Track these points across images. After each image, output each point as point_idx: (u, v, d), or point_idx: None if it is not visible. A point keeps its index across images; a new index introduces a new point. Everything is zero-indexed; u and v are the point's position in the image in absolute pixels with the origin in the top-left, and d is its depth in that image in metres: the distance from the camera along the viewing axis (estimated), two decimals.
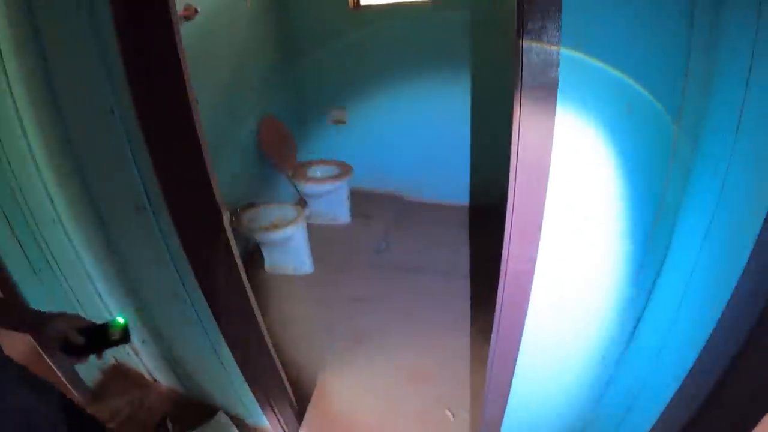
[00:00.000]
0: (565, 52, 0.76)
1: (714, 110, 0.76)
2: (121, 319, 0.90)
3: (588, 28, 0.75)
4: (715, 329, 0.74)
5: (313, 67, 3.12)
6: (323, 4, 2.90)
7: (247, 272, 1.31)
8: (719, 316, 0.72)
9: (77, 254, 1.57)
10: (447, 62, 2.77)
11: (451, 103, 2.87)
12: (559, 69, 0.77)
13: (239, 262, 1.25)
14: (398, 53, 2.88)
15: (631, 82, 0.77)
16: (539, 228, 0.93)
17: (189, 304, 1.33)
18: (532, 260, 0.97)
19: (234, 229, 2.14)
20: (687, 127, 0.80)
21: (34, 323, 0.84)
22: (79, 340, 0.83)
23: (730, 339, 0.69)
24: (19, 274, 1.50)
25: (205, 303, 1.25)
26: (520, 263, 0.98)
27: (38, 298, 1.55)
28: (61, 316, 0.84)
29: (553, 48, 0.75)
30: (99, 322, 0.89)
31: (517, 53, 0.78)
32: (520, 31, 0.76)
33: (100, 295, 1.67)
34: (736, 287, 0.69)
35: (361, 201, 3.21)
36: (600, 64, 0.77)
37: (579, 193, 0.89)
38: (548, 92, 0.80)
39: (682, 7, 0.72)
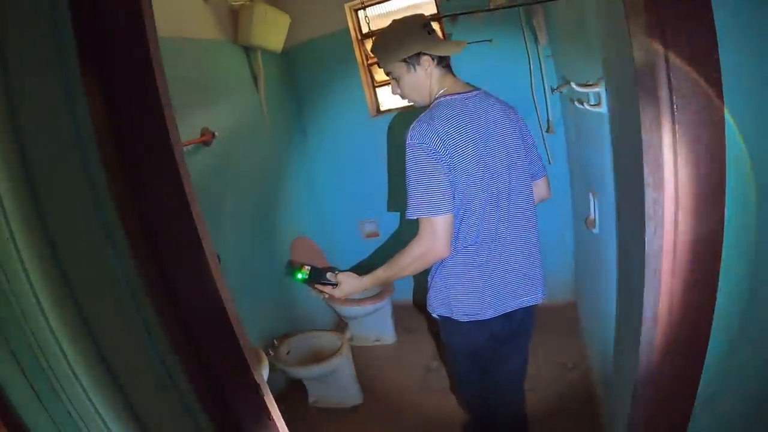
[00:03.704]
0: None
1: None
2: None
3: None
4: None
5: (340, 182, 3.07)
6: (343, 114, 2.90)
7: (289, 406, 1.08)
8: None
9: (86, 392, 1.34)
10: None
11: None
12: None
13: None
14: None
15: None
16: None
17: None
18: None
19: (271, 365, 1.94)
20: None
21: None
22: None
23: None
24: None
25: None
26: None
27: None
28: None
29: None
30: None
31: None
32: None
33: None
34: None
35: (402, 315, 2.94)
36: None
37: None
38: None
39: None
